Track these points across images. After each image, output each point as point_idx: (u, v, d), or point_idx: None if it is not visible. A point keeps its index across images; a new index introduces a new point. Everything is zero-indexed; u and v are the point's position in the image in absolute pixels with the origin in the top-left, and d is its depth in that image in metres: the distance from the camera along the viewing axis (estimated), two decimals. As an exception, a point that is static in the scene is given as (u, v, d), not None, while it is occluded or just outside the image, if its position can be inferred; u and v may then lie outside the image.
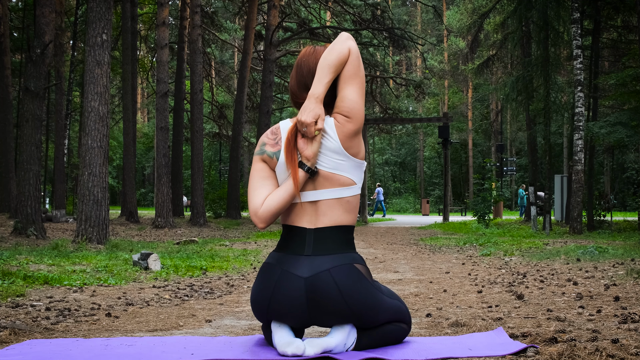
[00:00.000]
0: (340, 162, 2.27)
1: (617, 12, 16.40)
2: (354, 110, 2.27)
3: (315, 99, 2.25)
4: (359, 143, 2.30)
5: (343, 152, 2.27)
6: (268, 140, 2.36)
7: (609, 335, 2.49)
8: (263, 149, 2.36)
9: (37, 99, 10.07)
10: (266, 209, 2.27)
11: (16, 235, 9.70)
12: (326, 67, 2.26)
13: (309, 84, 2.36)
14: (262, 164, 2.36)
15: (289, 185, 2.27)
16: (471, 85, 45.93)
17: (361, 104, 2.29)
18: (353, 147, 2.28)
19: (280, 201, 2.27)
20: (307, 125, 2.23)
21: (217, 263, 6.52)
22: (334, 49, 2.28)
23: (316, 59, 2.38)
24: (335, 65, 2.26)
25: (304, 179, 2.26)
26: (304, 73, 2.38)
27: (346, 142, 2.27)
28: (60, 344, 2.45)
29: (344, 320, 2.21)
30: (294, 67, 2.44)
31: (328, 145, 2.27)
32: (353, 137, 2.28)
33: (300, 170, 2.25)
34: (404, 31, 22.64)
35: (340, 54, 2.27)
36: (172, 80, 22.30)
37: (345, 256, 2.24)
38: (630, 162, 36.05)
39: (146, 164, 50.38)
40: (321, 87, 2.26)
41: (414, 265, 6.71)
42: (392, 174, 52.52)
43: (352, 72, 2.28)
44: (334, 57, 2.26)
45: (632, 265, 5.44)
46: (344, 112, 2.27)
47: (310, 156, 2.24)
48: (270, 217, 2.28)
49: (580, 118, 13.08)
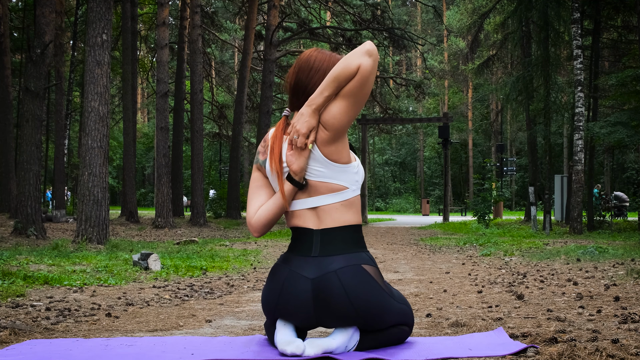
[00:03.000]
0: (324, 171, 2.24)
1: (617, 12, 16.41)
2: (331, 123, 2.20)
3: (313, 110, 2.20)
4: (340, 148, 2.25)
5: (324, 159, 2.23)
6: (261, 148, 2.38)
7: (609, 336, 2.49)
8: (257, 157, 2.38)
9: (37, 99, 10.07)
10: (258, 220, 2.30)
11: (16, 235, 9.70)
12: (331, 78, 2.18)
13: (313, 87, 2.30)
14: (258, 172, 2.38)
15: (277, 197, 2.28)
16: (471, 85, 45.95)
17: (343, 120, 2.20)
18: (332, 154, 2.24)
19: (270, 213, 2.29)
20: (300, 134, 2.20)
21: (217, 263, 6.52)
22: (345, 61, 2.18)
23: (316, 64, 2.34)
24: (340, 80, 2.17)
25: (293, 192, 2.25)
26: (302, 78, 2.32)
27: (323, 149, 2.23)
28: (60, 344, 2.45)
29: (350, 322, 2.20)
30: (307, 67, 2.34)
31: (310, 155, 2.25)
32: (329, 144, 2.23)
33: (288, 183, 2.25)
34: (404, 31, 22.64)
35: (348, 69, 2.16)
36: (172, 80, 22.30)
37: (354, 257, 2.22)
38: (630, 162, 36.06)
39: (146, 164, 50.38)
40: (321, 99, 2.19)
41: (414, 265, 6.71)
42: (392, 174, 52.52)
43: (350, 92, 2.17)
44: (341, 71, 2.17)
45: (632, 265, 5.44)
46: (322, 122, 2.22)
47: (297, 171, 2.22)
48: (262, 227, 2.30)
49: (580, 118, 13.08)
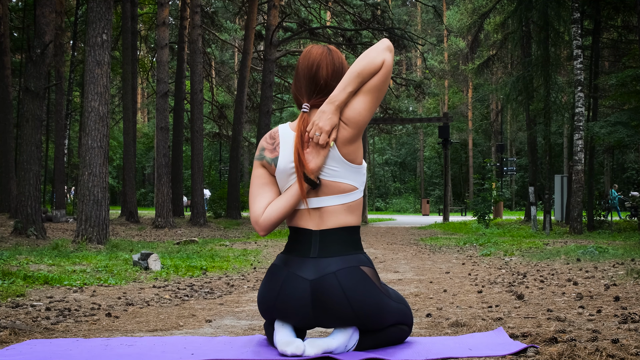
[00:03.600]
0: (340, 170, 2.23)
1: (617, 12, 16.41)
2: (355, 120, 2.20)
3: (336, 107, 2.18)
4: (357, 149, 2.25)
5: (341, 159, 2.22)
6: (267, 145, 2.32)
7: (609, 335, 2.49)
8: (262, 154, 2.32)
9: (37, 99, 10.07)
10: (267, 218, 2.25)
11: (16, 235, 9.70)
12: (354, 74, 2.18)
13: (325, 83, 2.29)
14: (262, 169, 2.33)
15: (290, 195, 2.24)
16: (471, 85, 45.94)
17: (367, 116, 2.21)
18: (350, 154, 2.23)
19: (281, 211, 2.25)
20: (323, 132, 2.18)
21: (217, 263, 6.52)
22: (368, 57, 2.18)
23: (334, 60, 2.31)
24: (364, 75, 2.17)
25: (306, 190, 2.23)
26: (323, 74, 2.29)
27: (343, 148, 2.22)
28: (60, 344, 2.45)
29: (348, 323, 2.20)
30: (309, 65, 2.31)
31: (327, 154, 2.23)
32: (350, 143, 2.22)
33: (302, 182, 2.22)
34: (404, 31, 22.64)
35: (372, 64, 2.17)
36: (172, 80, 22.30)
37: (352, 258, 2.22)
38: (630, 162, 36.07)
39: (146, 164, 50.37)
40: (344, 95, 2.18)
41: (414, 265, 6.71)
42: (392, 174, 52.51)
43: (375, 87, 2.18)
44: (365, 66, 2.17)
45: (632, 265, 5.44)
46: (343, 119, 2.21)
47: (314, 170, 2.20)
48: (271, 225, 2.26)
49: (580, 118, 13.08)
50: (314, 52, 2.35)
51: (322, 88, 2.30)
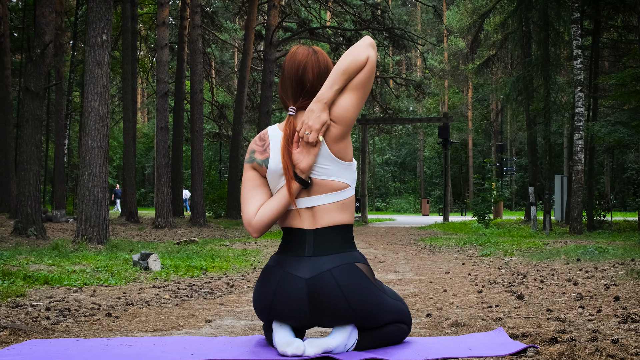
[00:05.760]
0: (331, 168, 2.24)
1: (617, 12, 16.42)
2: (344, 117, 2.22)
3: (324, 105, 2.20)
4: (347, 146, 2.26)
5: (331, 156, 2.24)
6: (257, 147, 2.33)
7: (609, 335, 2.49)
8: (252, 156, 2.33)
9: (37, 99, 10.07)
10: (260, 220, 2.26)
11: (16, 235, 9.70)
12: (340, 72, 2.20)
13: (311, 86, 2.31)
14: (253, 171, 2.33)
15: (282, 195, 2.25)
16: (471, 85, 45.94)
17: (354, 113, 2.23)
18: (341, 151, 2.25)
19: (273, 212, 2.25)
20: (313, 130, 2.19)
21: (217, 263, 6.53)
22: (352, 54, 2.21)
23: (319, 62, 2.33)
24: (349, 72, 2.20)
25: (298, 190, 2.24)
26: (309, 78, 2.30)
27: (333, 146, 2.23)
28: (60, 344, 2.45)
29: (346, 320, 2.20)
30: (295, 67, 2.33)
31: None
32: (340, 141, 2.24)
33: (294, 182, 2.23)
34: (404, 31, 22.63)
35: (357, 61, 2.20)
36: (172, 80, 22.30)
37: (347, 255, 2.22)
38: (630, 162, 36.05)
39: (146, 164, 50.36)
40: (331, 93, 2.20)
41: (414, 265, 6.71)
42: (392, 174, 52.51)
43: (360, 83, 2.21)
44: (350, 64, 2.20)
45: (632, 265, 5.44)
46: (332, 117, 2.22)
47: (305, 169, 2.21)
48: (264, 227, 2.27)
49: (580, 118, 13.09)
50: (299, 53, 2.36)
51: (308, 91, 2.32)
